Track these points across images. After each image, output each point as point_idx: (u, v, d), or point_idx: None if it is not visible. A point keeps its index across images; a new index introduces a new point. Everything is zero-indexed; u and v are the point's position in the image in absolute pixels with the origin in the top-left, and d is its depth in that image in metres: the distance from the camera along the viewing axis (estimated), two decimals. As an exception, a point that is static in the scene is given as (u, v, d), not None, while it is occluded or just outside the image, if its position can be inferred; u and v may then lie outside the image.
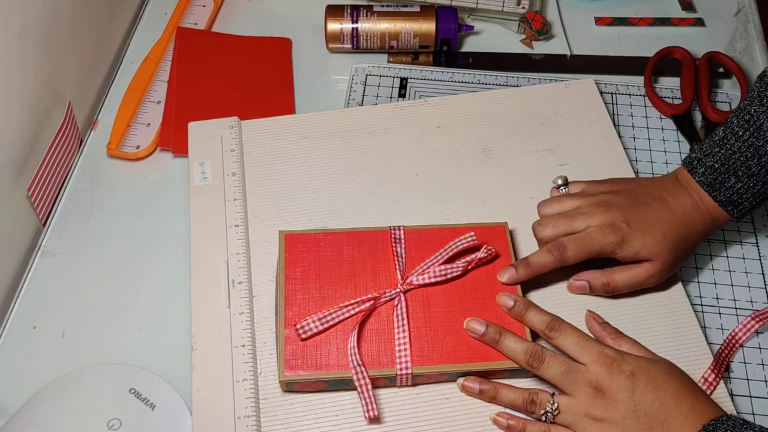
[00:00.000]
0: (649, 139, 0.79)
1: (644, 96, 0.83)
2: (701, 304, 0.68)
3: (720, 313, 0.67)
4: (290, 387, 0.60)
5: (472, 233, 0.64)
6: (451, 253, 0.63)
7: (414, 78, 0.84)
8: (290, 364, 0.59)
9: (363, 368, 0.58)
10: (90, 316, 0.67)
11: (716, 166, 0.63)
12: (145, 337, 0.66)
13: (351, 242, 0.65)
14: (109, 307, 0.68)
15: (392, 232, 0.65)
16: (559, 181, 0.69)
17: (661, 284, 0.66)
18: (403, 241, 0.65)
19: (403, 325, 0.61)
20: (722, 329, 0.67)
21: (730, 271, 0.70)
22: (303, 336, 0.60)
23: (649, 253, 0.63)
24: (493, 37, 0.89)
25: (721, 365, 0.62)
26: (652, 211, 0.64)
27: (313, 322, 0.60)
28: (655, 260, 0.63)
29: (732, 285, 0.69)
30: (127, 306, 0.68)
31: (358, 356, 0.59)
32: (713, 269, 0.70)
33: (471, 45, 0.89)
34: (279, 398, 0.60)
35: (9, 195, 0.69)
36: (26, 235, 0.73)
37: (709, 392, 0.60)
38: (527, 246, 0.68)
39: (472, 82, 0.83)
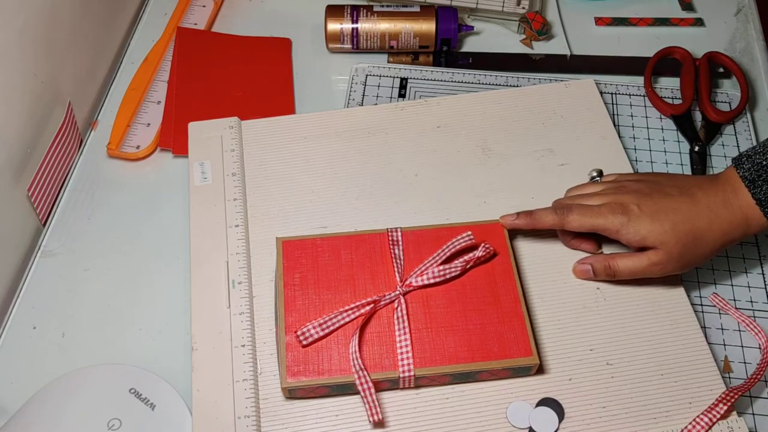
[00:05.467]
0: (649, 139, 0.79)
1: (644, 96, 0.83)
2: (701, 304, 0.68)
3: (720, 313, 0.67)
4: (293, 393, 0.59)
5: (470, 232, 0.64)
6: (449, 253, 0.63)
7: (414, 78, 0.84)
8: (292, 371, 0.59)
9: (365, 372, 0.58)
10: (90, 316, 0.67)
11: (764, 163, 0.61)
12: (145, 337, 0.66)
13: (348, 246, 0.65)
14: (109, 307, 0.68)
15: (389, 234, 0.65)
16: (594, 173, 0.70)
17: (662, 284, 0.66)
18: (400, 242, 0.65)
19: (403, 327, 0.60)
20: (722, 329, 0.67)
21: (730, 271, 0.70)
22: (304, 342, 0.60)
23: (655, 241, 0.61)
24: (493, 37, 0.89)
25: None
26: (669, 201, 0.62)
27: (314, 327, 0.60)
28: (659, 249, 0.62)
29: (732, 285, 0.69)
30: (127, 306, 0.68)
31: (360, 360, 0.59)
32: (713, 269, 0.70)
33: (471, 45, 0.89)
34: (279, 398, 0.60)
35: (9, 195, 0.69)
36: (26, 235, 0.73)
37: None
38: (527, 245, 0.68)
39: (472, 82, 0.83)
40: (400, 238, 0.65)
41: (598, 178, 0.69)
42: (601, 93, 0.80)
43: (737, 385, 0.61)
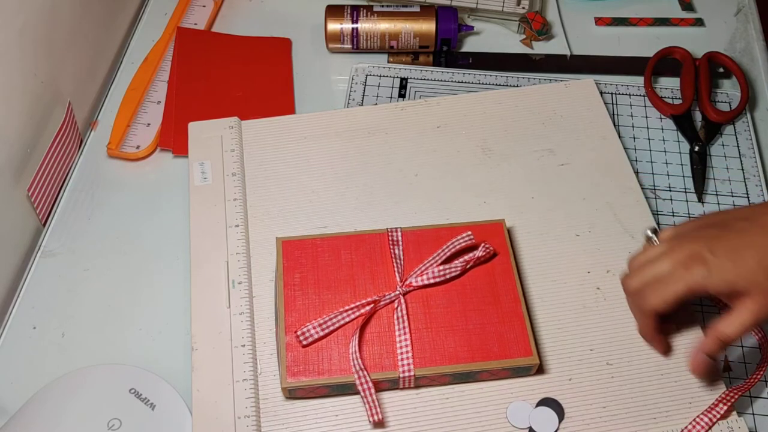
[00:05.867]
0: (649, 139, 0.79)
1: (644, 96, 0.83)
2: (701, 304, 0.68)
3: (720, 313, 0.67)
4: (293, 393, 0.59)
5: (470, 232, 0.64)
6: (449, 253, 0.63)
7: (414, 78, 0.84)
8: (292, 371, 0.59)
9: (365, 372, 0.58)
10: (90, 316, 0.67)
11: None
12: (145, 337, 0.66)
13: (348, 246, 0.65)
14: (109, 307, 0.68)
15: (389, 234, 0.65)
16: (649, 233, 0.62)
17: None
18: (400, 242, 0.65)
19: (403, 327, 0.61)
20: (722, 329, 0.67)
21: (730, 271, 0.70)
22: (304, 342, 0.60)
23: (746, 283, 0.54)
24: (493, 37, 0.89)
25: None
26: (743, 237, 0.56)
27: (314, 328, 0.60)
28: (754, 292, 0.54)
29: (732, 285, 0.69)
30: (127, 306, 0.68)
31: (359, 360, 0.59)
32: (713, 269, 0.70)
33: (471, 45, 0.89)
34: (279, 398, 0.60)
35: (9, 195, 0.69)
36: (26, 235, 0.73)
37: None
38: (527, 244, 0.68)
39: (472, 82, 0.83)
40: (400, 238, 0.65)
41: (654, 238, 0.62)
42: (601, 93, 0.80)
43: (737, 385, 0.61)
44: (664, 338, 0.62)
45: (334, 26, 0.85)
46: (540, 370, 0.61)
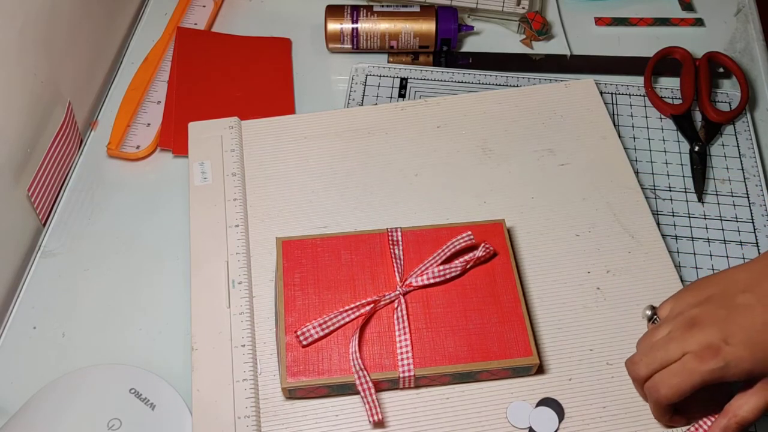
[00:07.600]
0: (649, 139, 0.79)
1: (644, 96, 0.83)
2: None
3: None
4: (293, 394, 0.59)
5: (470, 232, 0.64)
6: (449, 253, 0.63)
7: (414, 78, 0.84)
8: (292, 371, 0.59)
9: (365, 372, 0.58)
10: (90, 316, 0.67)
11: None
12: (145, 337, 0.66)
13: (348, 246, 0.65)
14: (109, 307, 0.68)
15: (389, 234, 0.65)
16: (648, 312, 0.62)
17: (662, 284, 0.66)
18: (400, 242, 0.65)
19: (403, 327, 0.61)
20: (722, 329, 0.66)
21: (730, 271, 0.70)
22: (304, 342, 0.60)
23: (763, 368, 0.53)
24: (493, 37, 0.89)
25: None
26: (753, 316, 0.53)
27: (314, 328, 0.60)
28: None
29: (732, 285, 0.69)
30: (127, 306, 0.68)
31: (359, 360, 0.59)
32: (713, 269, 0.70)
33: (471, 45, 0.89)
34: (279, 398, 0.60)
35: (9, 195, 0.69)
36: (26, 235, 0.73)
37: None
38: (526, 244, 0.68)
39: (472, 82, 0.83)
40: (400, 238, 0.65)
41: (656, 318, 0.61)
42: (601, 93, 0.80)
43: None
44: (680, 417, 0.59)
45: (334, 26, 0.85)
46: (540, 370, 0.61)
